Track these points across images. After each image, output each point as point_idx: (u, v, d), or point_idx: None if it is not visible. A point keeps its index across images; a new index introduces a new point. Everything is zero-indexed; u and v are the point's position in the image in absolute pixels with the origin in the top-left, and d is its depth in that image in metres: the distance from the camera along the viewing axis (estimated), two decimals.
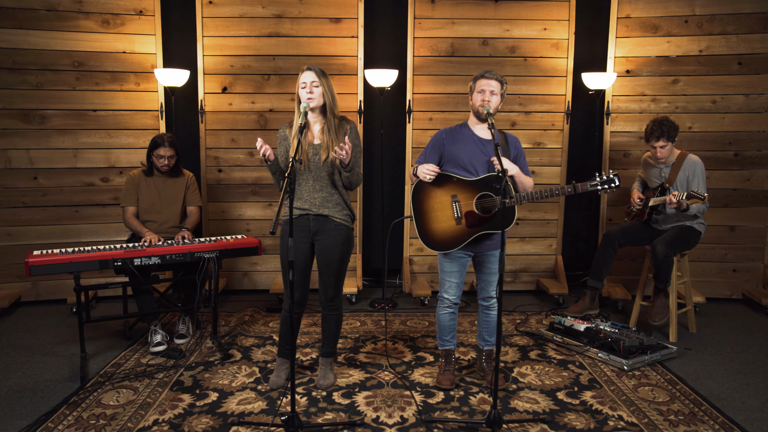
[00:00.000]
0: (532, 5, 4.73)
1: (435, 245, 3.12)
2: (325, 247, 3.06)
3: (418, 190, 3.15)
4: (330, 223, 3.05)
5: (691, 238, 3.96)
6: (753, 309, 4.61)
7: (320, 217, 3.04)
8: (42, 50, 4.46)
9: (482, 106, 3.00)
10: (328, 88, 3.00)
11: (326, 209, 3.03)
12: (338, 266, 3.09)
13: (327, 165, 3.02)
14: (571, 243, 5.16)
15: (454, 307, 3.21)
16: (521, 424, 2.85)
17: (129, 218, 3.85)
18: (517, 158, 3.15)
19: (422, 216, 3.14)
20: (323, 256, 3.08)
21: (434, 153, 3.15)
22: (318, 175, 3.03)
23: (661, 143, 3.88)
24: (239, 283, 4.96)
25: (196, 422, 2.84)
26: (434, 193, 3.11)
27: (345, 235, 3.08)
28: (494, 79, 3.05)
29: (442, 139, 3.14)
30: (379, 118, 4.77)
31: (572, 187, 2.98)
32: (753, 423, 2.87)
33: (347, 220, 3.10)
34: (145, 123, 4.68)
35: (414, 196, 3.16)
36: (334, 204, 3.05)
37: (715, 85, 4.70)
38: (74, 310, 4.35)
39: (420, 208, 3.14)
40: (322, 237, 3.06)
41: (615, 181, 2.96)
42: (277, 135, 3.17)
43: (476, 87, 3.08)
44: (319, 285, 3.16)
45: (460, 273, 3.17)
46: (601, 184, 2.97)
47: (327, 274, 3.10)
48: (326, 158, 3.00)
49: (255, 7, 4.69)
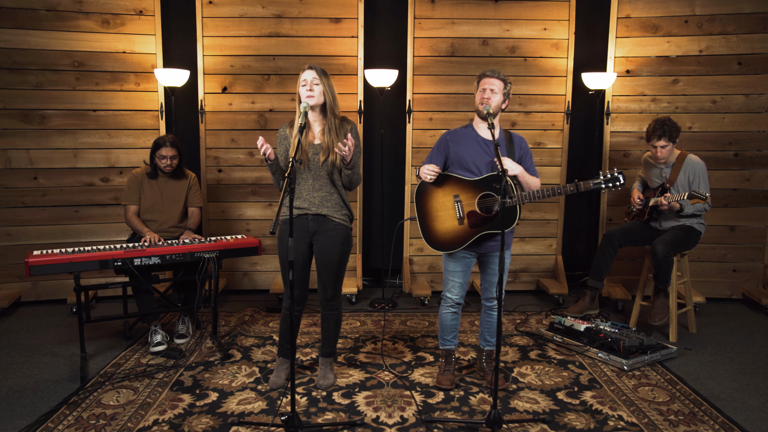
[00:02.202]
0: (532, 5, 4.73)
1: (438, 245, 3.12)
2: (324, 246, 3.06)
3: (421, 191, 3.15)
4: (329, 223, 3.05)
5: (691, 238, 3.96)
6: (753, 309, 4.61)
7: (319, 216, 3.04)
8: (42, 50, 4.47)
9: (482, 104, 3.01)
10: (328, 87, 3.00)
11: (325, 209, 3.03)
12: (337, 266, 3.09)
13: (327, 165, 3.02)
14: (571, 243, 5.16)
15: (456, 307, 3.21)
16: (521, 424, 2.85)
17: (130, 217, 3.85)
18: (523, 158, 3.14)
19: (425, 216, 3.14)
20: (322, 255, 3.08)
21: (439, 155, 3.15)
22: (317, 175, 3.03)
23: (662, 143, 3.88)
24: (239, 283, 4.96)
25: (196, 422, 2.84)
26: (436, 194, 3.11)
27: (344, 235, 3.08)
28: (495, 78, 3.05)
29: (446, 140, 3.15)
30: (379, 118, 4.77)
31: (575, 186, 2.97)
32: (753, 423, 2.87)
33: (346, 220, 3.10)
34: (145, 123, 4.68)
35: (417, 196, 3.16)
36: (333, 204, 3.05)
37: (715, 85, 4.70)
38: (74, 310, 4.35)
39: (423, 209, 3.15)
40: (320, 237, 3.06)
41: (620, 179, 2.94)
42: (277, 134, 3.17)
43: (479, 86, 3.08)
44: (318, 285, 3.16)
45: (464, 273, 3.16)
46: (605, 182, 2.95)
47: (326, 274, 3.10)
48: (326, 159, 3.00)
49: (255, 7, 4.69)
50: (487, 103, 2.99)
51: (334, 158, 2.99)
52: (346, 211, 3.11)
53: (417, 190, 3.16)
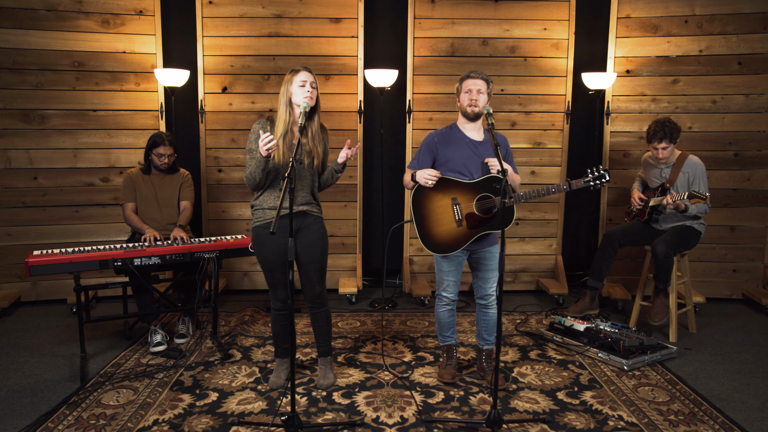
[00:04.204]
0: (532, 5, 4.73)
1: (437, 248, 3.14)
2: (308, 242, 3.07)
3: (418, 195, 3.16)
4: (309, 218, 3.08)
5: (692, 238, 3.96)
6: (753, 309, 4.61)
7: (300, 213, 3.05)
8: (42, 50, 4.47)
9: (470, 106, 3.07)
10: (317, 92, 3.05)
11: (305, 206, 3.07)
12: (321, 260, 3.11)
13: (311, 167, 3.06)
14: (571, 243, 5.16)
15: (452, 304, 3.26)
16: (521, 424, 2.85)
17: (129, 214, 3.86)
18: (506, 157, 3.21)
19: (423, 220, 3.15)
20: (307, 252, 3.08)
21: (428, 157, 3.17)
22: (300, 176, 3.05)
23: (663, 144, 3.88)
24: (239, 283, 4.96)
25: (196, 422, 2.84)
26: (434, 197, 3.12)
27: (323, 229, 3.15)
28: (480, 78, 3.09)
29: (434, 142, 3.17)
30: (379, 118, 4.77)
31: (567, 184, 3.08)
32: (753, 423, 2.87)
33: (321, 214, 3.17)
34: (145, 123, 4.68)
35: (414, 200, 3.17)
36: (308, 201, 3.09)
37: (715, 85, 4.70)
38: (74, 310, 4.35)
39: (421, 212, 3.15)
40: (303, 233, 3.07)
41: (605, 176, 3.08)
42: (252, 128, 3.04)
43: (463, 88, 3.12)
44: (304, 283, 3.14)
45: (457, 271, 3.22)
46: (593, 180, 3.08)
47: (312, 270, 3.10)
48: (310, 162, 3.04)
49: (255, 7, 4.69)
50: (476, 104, 3.05)
51: (318, 161, 3.07)
52: (319, 206, 3.18)
53: (414, 194, 3.16)
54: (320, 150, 3.07)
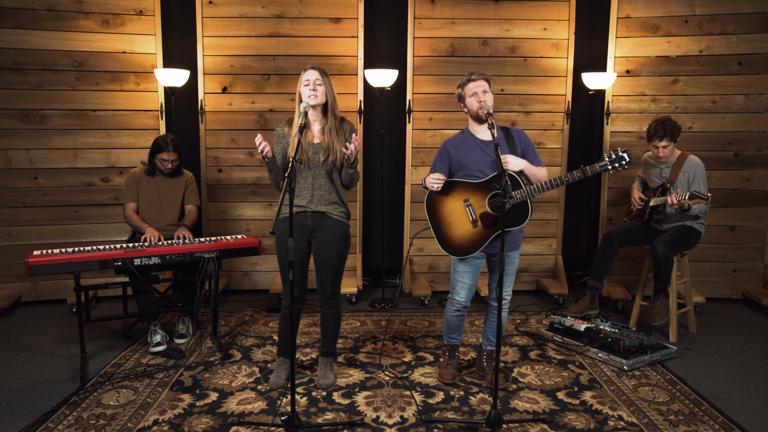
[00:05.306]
0: (532, 5, 4.73)
1: (457, 251, 3.11)
2: (323, 243, 3.07)
3: (431, 200, 3.15)
4: (327, 220, 3.06)
5: (692, 239, 3.96)
6: (753, 309, 4.61)
7: (317, 213, 3.05)
8: (42, 50, 4.46)
9: (481, 108, 2.99)
10: (330, 87, 3.03)
11: (323, 206, 3.05)
12: (336, 263, 3.10)
13: (327, 164, 3.03)
14: (571, 243, 5.16)
15: (463, 310, 3.21)
16: (521, 424, 2.85)
17: (129, 214, 3.86)
18: (526, 152, 3.12)
19: (439, 224, 3.14)
20: (321, 252, 3.08)
21: (442, 164, 3.16)
22: (317, 174, 3.04)
23: (663, 143, 3.88)
24: (239, 283, 4.96)
25: (196, 422, 2.84)
26: (446, 201, 3.11)
27: (342, 232, 3.09)
28: (482, 79, 3.06)
29: (446, 148, 3.15)
30: (379, 118, 4.77)
31: (581, 171, 2.94)
32: (753, 423, 2.87)
33: (344, 217, 3.12)
34: (145, 123, 4.68)
35: (428, 206, 3.16)
36: (331, 201, 3.07)
37: (715, 85, 4.70)
38: (74, 310, 4.35)
39: (435, 218, 3.15)
40: (319, 234, 3.06)
41: (625, 158, 2.90)
42: (274, 132, 3.17)
43: (467, 92, 3.06)
44: (317, 283, 3.16)
45: (473, 274, 3.15)
46: (611, 163, 2.92)
47: (325, 271, 3.10)
48: (326, 159, 3.00)
49: (255, 7, 4.69)
50: (485, 104, 2.99)
51: (334, 158, 3.01)
52: (343, 208, 3.13)
53: (427, 199, 3.16)
54: (338, 146, 3.02)
